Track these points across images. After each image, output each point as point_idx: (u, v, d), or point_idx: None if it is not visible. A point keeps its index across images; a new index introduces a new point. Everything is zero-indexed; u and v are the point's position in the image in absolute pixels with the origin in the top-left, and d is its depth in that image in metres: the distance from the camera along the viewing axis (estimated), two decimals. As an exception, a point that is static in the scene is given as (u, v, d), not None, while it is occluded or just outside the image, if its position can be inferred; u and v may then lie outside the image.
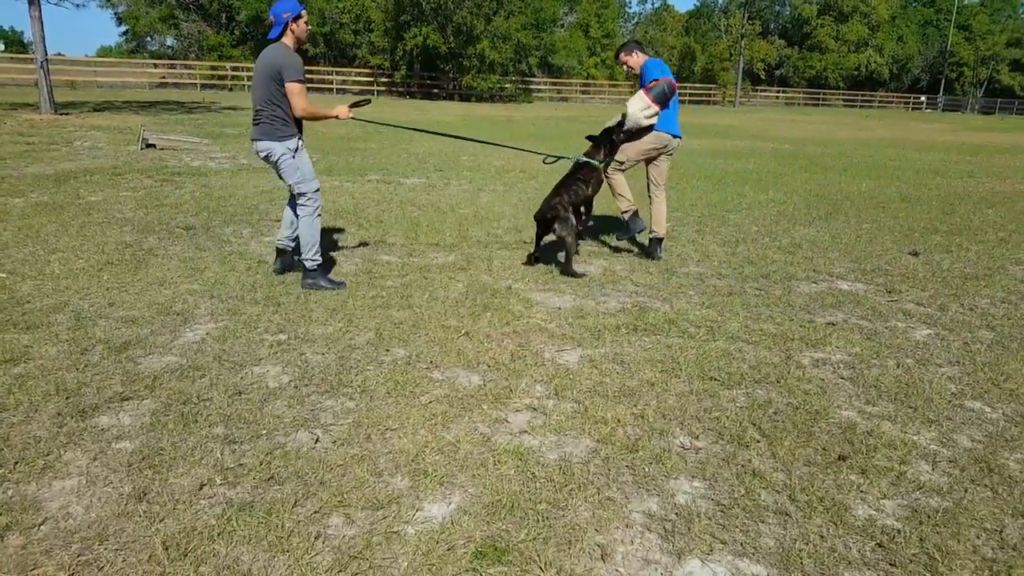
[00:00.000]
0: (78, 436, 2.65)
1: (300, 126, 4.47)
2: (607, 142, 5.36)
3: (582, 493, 2.40)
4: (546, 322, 4.05)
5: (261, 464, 2.51)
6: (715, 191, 9.25)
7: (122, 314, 3.94)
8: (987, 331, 4.19)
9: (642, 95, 5.23)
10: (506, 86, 39.44)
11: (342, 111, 4.55)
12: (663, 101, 5.22)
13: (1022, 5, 64.25)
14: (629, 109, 5.26)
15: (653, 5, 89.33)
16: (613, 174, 5.59)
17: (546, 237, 5.34)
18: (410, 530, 2.19)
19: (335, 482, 2.42)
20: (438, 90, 38.79)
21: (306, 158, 4.48)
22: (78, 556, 2.03)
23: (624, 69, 5.64)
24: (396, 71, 38.35)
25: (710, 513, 2.32)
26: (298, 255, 4.66)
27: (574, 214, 5.14)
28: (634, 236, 5.78)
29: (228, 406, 2.92)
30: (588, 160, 5.32)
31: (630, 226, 5.61)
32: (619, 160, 5.53)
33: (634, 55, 5.49)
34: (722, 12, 62.12)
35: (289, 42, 4.30)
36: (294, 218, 4.68)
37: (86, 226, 5.96)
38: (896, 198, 9.23)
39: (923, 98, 57.86)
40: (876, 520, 2.31)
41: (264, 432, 2.73)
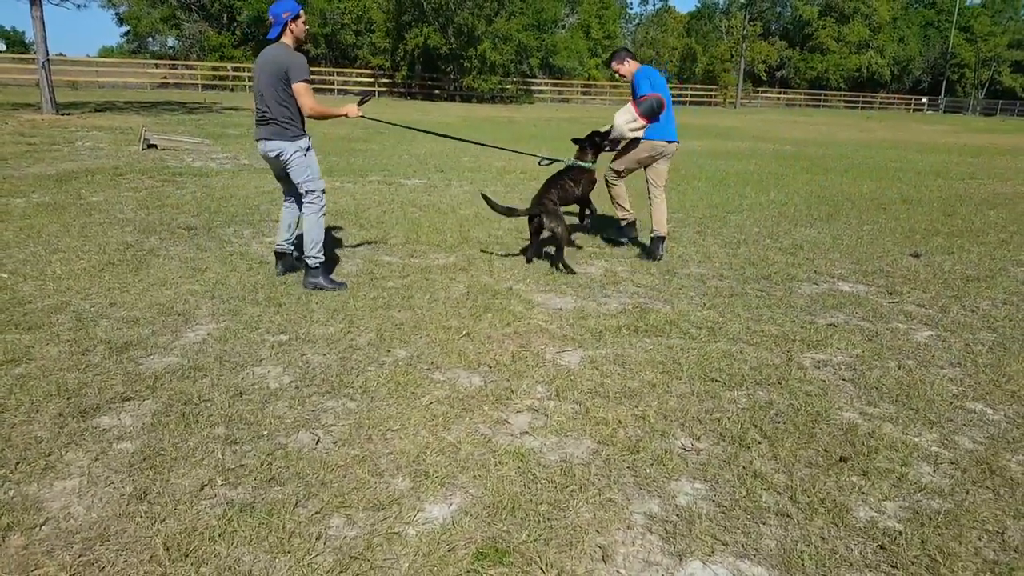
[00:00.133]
0: (79, 436, 2.66)
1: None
2: (591, 144, 5.52)
3: (583, 494, 2.40)
4: (547, 323, 4.06)
5: (262, 465, 2.51)
6: (716, 192, 9.25)
7: (123, 314, 3.94)
8: (988, 333, 4.19)
9: (630, 108, 5.34)
10: (507, 87, 39.45)
11: (351, 110, 4.58)
12: (651, 116, 5.31)
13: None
14: (616, 121, 5.38)
15: (654, 6, 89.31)
16: (613, 184, 5.73)
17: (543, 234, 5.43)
18: (411, 531, 2.19)
19: (336, 483, 2.42)
20: (439, 91, 38.80)
21: (315, 157, 4.55)
22: (79, 556, 2.03)
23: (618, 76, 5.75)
24: (397, 72, 38.34)
25: (711, 514, 2.32)
26: (299, 254, 4.67)
27: (580, 205, 5.44)
28: (629, 238, 6.07)
29: (229, 407, 2.92)
30: (580, 163, 5.46)
31: (625, 232, 6.02)
32: (617, 169, 5.65)
33: (625, 63, 5.53)
34: (723, 13, 62.16)
35: (289, 42, 4.35)
36: (292, 221, 4.72)
37: (87, 226, 5.96)
38: (897, 199, 9.22)
39: (924, 99, 57.88)
40: (877, 522, 2.31)
41: (265, 433, 2.73)
